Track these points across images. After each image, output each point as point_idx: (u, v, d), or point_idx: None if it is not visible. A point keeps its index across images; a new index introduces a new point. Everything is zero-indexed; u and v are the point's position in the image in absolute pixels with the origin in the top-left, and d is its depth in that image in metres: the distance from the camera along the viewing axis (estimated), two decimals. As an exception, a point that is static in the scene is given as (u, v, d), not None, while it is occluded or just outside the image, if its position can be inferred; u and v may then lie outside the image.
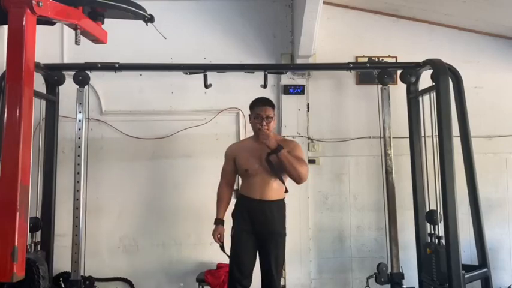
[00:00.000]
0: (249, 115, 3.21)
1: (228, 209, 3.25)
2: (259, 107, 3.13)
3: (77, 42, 2.15)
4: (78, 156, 3.42)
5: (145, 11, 2.29)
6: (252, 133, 3.22)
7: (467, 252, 3.59)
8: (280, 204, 3.16)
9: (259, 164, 3.09)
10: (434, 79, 3.31)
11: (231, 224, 3.18)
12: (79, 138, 3.44)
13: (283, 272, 3.98)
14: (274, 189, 3.11)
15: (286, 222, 3.17)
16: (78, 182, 3.41)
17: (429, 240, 3.44)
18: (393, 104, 3.61)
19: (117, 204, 4.05)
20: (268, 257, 3.07)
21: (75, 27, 2.10)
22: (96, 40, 2.29)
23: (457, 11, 3.92)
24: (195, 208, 3.97)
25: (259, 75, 3.55)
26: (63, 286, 3.58)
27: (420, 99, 3.63)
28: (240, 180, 3.32)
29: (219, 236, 3.16)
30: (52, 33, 3.77)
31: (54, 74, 3.52)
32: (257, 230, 3.09)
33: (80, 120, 3.46)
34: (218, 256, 3.26)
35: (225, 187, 3.27)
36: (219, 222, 3.20)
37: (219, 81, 3.65)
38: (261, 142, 3.05)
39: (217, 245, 3.20)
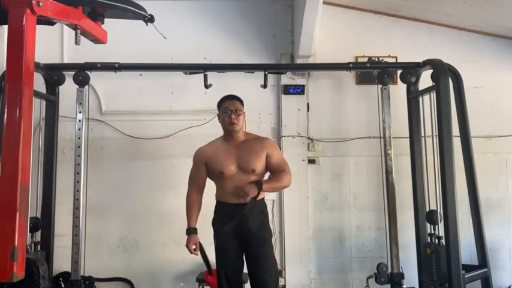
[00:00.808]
0: (218, 114, 3.10)
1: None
2: (227, 101, 3.05)
3: (77, 42, 2.16)
4: (78, 156, 3.42)
5: (145, 11, 2.30)
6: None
7: (467, 252, 3.59)
8: (261, 204, 3.02)
9: (234, 166, 2.96)
10: (434, 79, 3.31)
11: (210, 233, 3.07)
12: (79, 138, 3.45)
13: (283, 272, 3.99)
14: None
15: (269, 221, 3.08)
16: (78, 182, 3.41)
17: (429, 240, 3.44)
18: (393, 104, 3.60)
19: (117, 204, 4.05)
20: (260, 267, 2.91)
21: (75, 27, 2.10)
22: (96, 40, 2.29)
23: (457, 11, 3.92)
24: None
25: (259, 75, 3.55)
26: (63, 286, 3.58)
27: (420, 99, 3.63)
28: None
29: (194, 246, 2.94)
30: (52, 33, 3.77)
31: (54, 74, 3.52)
32: (242, 238, 2.95)
33: (80, 120, 3.46)
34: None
35: (194, 194, 3.07)
36: (192, 231, 2.98)
37: (219, 81, 3.65)
38: (233, 141, 3.00)
39: None
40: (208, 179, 3.13)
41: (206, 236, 3.09)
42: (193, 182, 3.12)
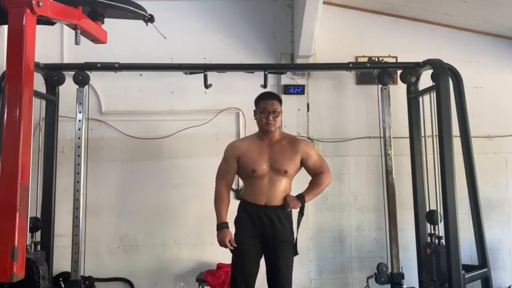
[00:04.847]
0: (254, 111, 3.05)
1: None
2: (265, 100, 2.98)
3: (77, 42, 2.16)
4: (78, 156, 3.43)
5: (145, 11, 2.30)
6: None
7: (467, 252, 3.59)
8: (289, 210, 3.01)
9: (267, 165, 2.93)
10: (434, 79, 3.31)
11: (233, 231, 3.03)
12: (79, 138, 3.45)
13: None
14: (282, 192, 2.96)
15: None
16: (78, 182, 3.41)
17: (429, 240, 3.44)
18: (393, 104, 3.61)
19: (117, 204, 4.05)
20: (279, 272, 2.91)
21: (75, 27, 2.10)
22: (96, 40, 2.29)
23: (457, 11, 3.91)
24: (195, 208, 3.97)
25: (259, 75, 3.54)
26: (63, 286, 3.58)
27: (420, 99, 3.63)
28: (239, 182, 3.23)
29: (229, 240, 2.89)
30: (52, 33, 3.77)
31: (54, 74, 3.52)
32: (264, 239, 2.93)
33: (80, 120, 3.46)
34: (218, 256, 3.26)
35: (224, 188, 3.01)
36: (225, 226, 2.92)
37: (219, 81, 3.65)
38: (268, 140, 2.98)
39: (217, 245, 3.05)
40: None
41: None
42: (223, 177, 3.04)
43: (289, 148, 3.02)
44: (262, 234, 2.94)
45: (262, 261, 3.04)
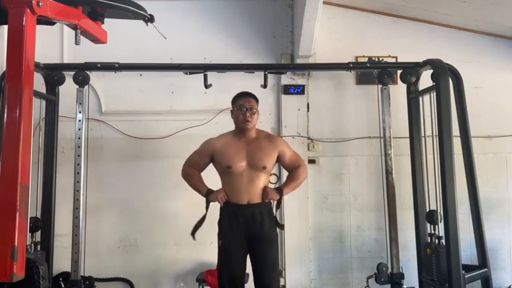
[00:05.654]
0: (231, 110, 3.10)
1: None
2: (242, 97, 3.04)
3: (77, 42, 2.16)
4: (78, 156, 3.43)
5: (145, 11, 2.30)
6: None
7: (467, 252, 3.59)
8: (269, 205, 3.05)
9: (244, 162, 2.96)
10: (434, 79, 3.31)
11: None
12: (79, 138, 3.45)
13: (283, 272, 3.99)
14: (262, 189, 2.99)
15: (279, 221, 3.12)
16: (78, 182, 3.41)
17: (429, 240, 3.44)
18: (393, 104, 3.60)
19: (117, 204, 4.05)
20: (265, 269, 2.94)
21: (75, 27, 2.10)
22: (96, 40, 2.29)
23: (457, 11, 3.92)
24: (195, 208, 3.95)
25: (259, 75, 3.55)
26: (63, 286, 3.58)
27: (420, 99, 3.63)
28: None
29: (221, 196, 2.96)
30: (52, 33, 3.78)
31: (54, 74, 3.52)
32: (249, 238, 2.95)
33: (80, 120, 3.46)
34: (218, 256, 3.26)
35: (191, 168, 3.12)
36: (211, 191, 3.04)
37: (219, 81, 3.65)
38: (245, 139, 3.01)
39: (215, 245, 3.11)
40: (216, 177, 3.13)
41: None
42: (192, 164, 3.15)
43: (266, 144, 3.07)
44: (246, 233, 2.96)
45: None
